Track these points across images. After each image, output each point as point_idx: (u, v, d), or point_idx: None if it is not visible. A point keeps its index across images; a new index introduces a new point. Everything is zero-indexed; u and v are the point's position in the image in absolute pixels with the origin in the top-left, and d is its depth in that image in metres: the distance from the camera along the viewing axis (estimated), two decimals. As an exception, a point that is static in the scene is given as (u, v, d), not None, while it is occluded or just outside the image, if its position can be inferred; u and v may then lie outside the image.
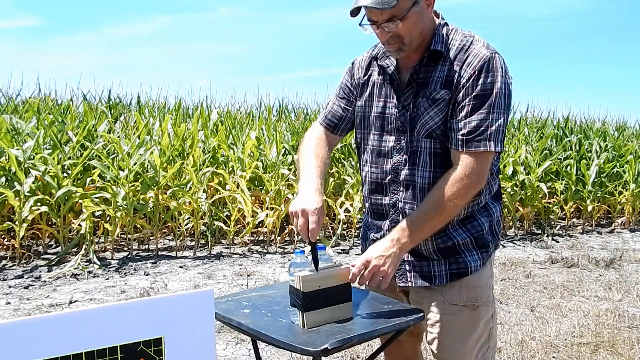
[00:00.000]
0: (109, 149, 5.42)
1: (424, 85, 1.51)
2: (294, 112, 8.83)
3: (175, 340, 1.01)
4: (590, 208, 6.83)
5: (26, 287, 4.04)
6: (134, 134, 5.65)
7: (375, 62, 1.64)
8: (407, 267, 1.59)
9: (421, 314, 1.48)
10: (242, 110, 8.90)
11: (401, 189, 1.56)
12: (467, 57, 1.47)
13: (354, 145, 1.74)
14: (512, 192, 6.34)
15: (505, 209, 6.43)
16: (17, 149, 4.75)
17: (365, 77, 1.64)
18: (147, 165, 5.26)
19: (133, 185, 5.01)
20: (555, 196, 6.81)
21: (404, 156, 1.55)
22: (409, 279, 1.59)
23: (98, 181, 5.13)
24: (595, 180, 6.95)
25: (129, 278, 4.34)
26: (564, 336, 3.18)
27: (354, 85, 1.67)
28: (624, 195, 7.11)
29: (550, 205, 6.79)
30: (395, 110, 1.56)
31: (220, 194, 5.48)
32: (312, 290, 1.39)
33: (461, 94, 1.46)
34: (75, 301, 3.77)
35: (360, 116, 1.65)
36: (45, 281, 4.22)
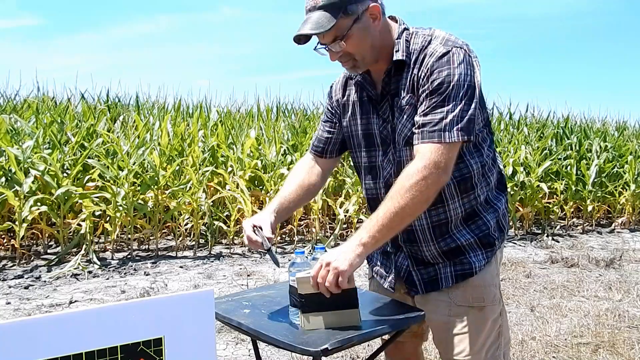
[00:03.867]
0: (107, 148, 5.42)
1: (396, 95, 1.51)
2: (293, 112, 8.83)
3: (175, 340, 1.01)
4: (590, 208, 6.84)
5: (26, 287, 4.04)
6: (133, 133, 5.65)
7: (350, 81, 1.64)
8: (415, 278, 1.58)
9: (421, 314, 1.47)
10: (242, 110, 8.90)
11: None
12: (424, 58, 1.46)
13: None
14: (512, 192, 6.34)
15: (505, 209, 6.42)
16: (17, 149, 4.75)
17: (344, 98, 1.64)
18: (147, 165, 5.26)
19: (133, 185, 5.01)
20: (555, 196, 6.81)
21: (394, 168, 1.55)
22: (419, 289, 1.58)
23: (98, 181, 5.13)
24: (595, 180, 6.95)
25: (129, 278, 4.34)
26: (564, 336, 3.18)
27: (335, 106, 1.68)
28: (624, 195, 7.11)
29: (550, 205, 6.79)
30: (377, 124, 1.56)
31: (220, 193, 5.48)
32: (309, 292, 1.37)
33: (420, 92, 1.46)
34: (75, 301, 3.77)
35: (347, 137, 1.66)
36: (45, 281, 4.22)
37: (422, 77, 1.45)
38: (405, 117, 1.49)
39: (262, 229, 1.56)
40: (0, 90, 7.91)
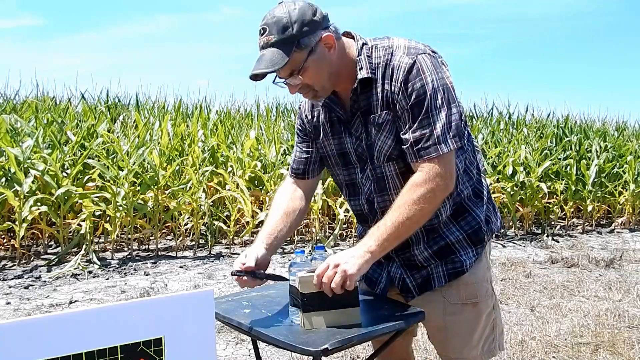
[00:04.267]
0: (107, 148, 5.42)
1: (369, 112, 1.49)
2: (293, 112, 8.84)
3: (175, 340, 1.01)
4: (590, 208, 6.83)
5: (26, 287, 4.04)
6: (133, 133, 5.65)
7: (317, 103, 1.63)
8: (410, 284, 1.59)
9: (422, 314, 1.48)
10: (242, 110, 8.92)
11: (378, 216, 1.55)
12: (392, 72, 1.44)
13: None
14: (512, 193, 6.33)
15: (505, 209, 6.43)
16: (17, 149, 4.75)
17: (314, 119, 1.62)
18: (147, 165, 5.26)
19: (133, 185, 5.01)
20: (555, 196, 6.81)
21: (373, 184, 1.56)
22: (414, 293, 1.59)
23: (98, 181, 5.13)
24: (595, 180, 6.95)
25: (129, 278, 4.34)
26: (564, 336, 3.18)
27: (306, 126, 1.66)
28: (624, 195, 7.11)
29: (550, 205, 6.79)
30: (351, 143, 1.55)
31: (220, 193, 5.48)
32: (311, 291, 1.38)
33: (398, 109, 1.44)
34: (75, 301, 3.77)
35: (325, 157, 1.66)
36: (45, 281, 4.22)
37: (395, 92, 1.44)
38: (384, 133, 1.48)
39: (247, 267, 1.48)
40: (0, 90, 7.92)
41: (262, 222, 5.47)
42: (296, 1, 1.42)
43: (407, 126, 1.44)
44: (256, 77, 1.43)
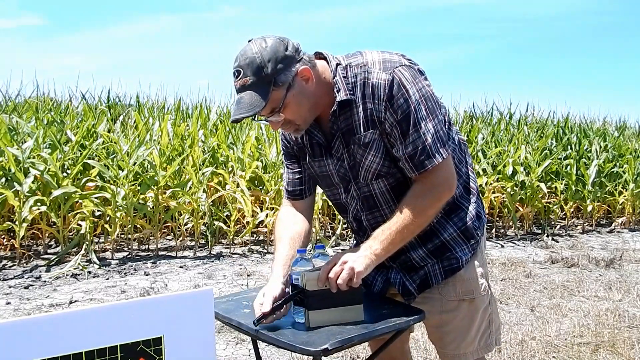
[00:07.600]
0: (107, 148, 5.42)
1: (350, 133, 1.48)
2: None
3: (174, 339, 1.01)
4: (590, 208, 6.83)
5: (26, 287, 4.04)
6: (133, 133, 5.65)
7: None
8: (409, 287, 1.60)
9: (422, 314, 1.49)
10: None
11: (369, 232, 1.54)
12: (373, 91, 1.43)
13: None
14: (512, 192, 6.33)
15: (505, 209, 6.43)
16: (17, 149, 4.75)
17: (300, 141, 1.61)
18: (147, 165, 5.26)
19: (133, 185, 5.01)
20: (555, 196, 6.81)
21: (358, 203, 1.57)
22: (415, 294, 1.60)
23: (97, 181, 5.13)
24: (595, 180, 6.95)
25: (129, 278, 4.34)
26: (564, 336, 3.18)
27: (292, 147, 1.65)
28: (624, 195, 7.11)
29: (550, 205, 6.79)
30: (332, 165, 1.55)
31: (219, 193, 5.48)
32: (316, 289, 1.39)
33: (387, 126, 1.44)
34: (75, 301, 3.77)
35: (313, 176, 1.66)
36: (45, 281, 4.22)
37: (382, 110, 1.43)
38: (371, 152, 1.48)
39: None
40: (1, 90, 7.92)
41: (262, 222, 5.48)
42: (266, 38, 1.40)
43: (398, 143, 1.44)
44: (237, 121, 1.42)
